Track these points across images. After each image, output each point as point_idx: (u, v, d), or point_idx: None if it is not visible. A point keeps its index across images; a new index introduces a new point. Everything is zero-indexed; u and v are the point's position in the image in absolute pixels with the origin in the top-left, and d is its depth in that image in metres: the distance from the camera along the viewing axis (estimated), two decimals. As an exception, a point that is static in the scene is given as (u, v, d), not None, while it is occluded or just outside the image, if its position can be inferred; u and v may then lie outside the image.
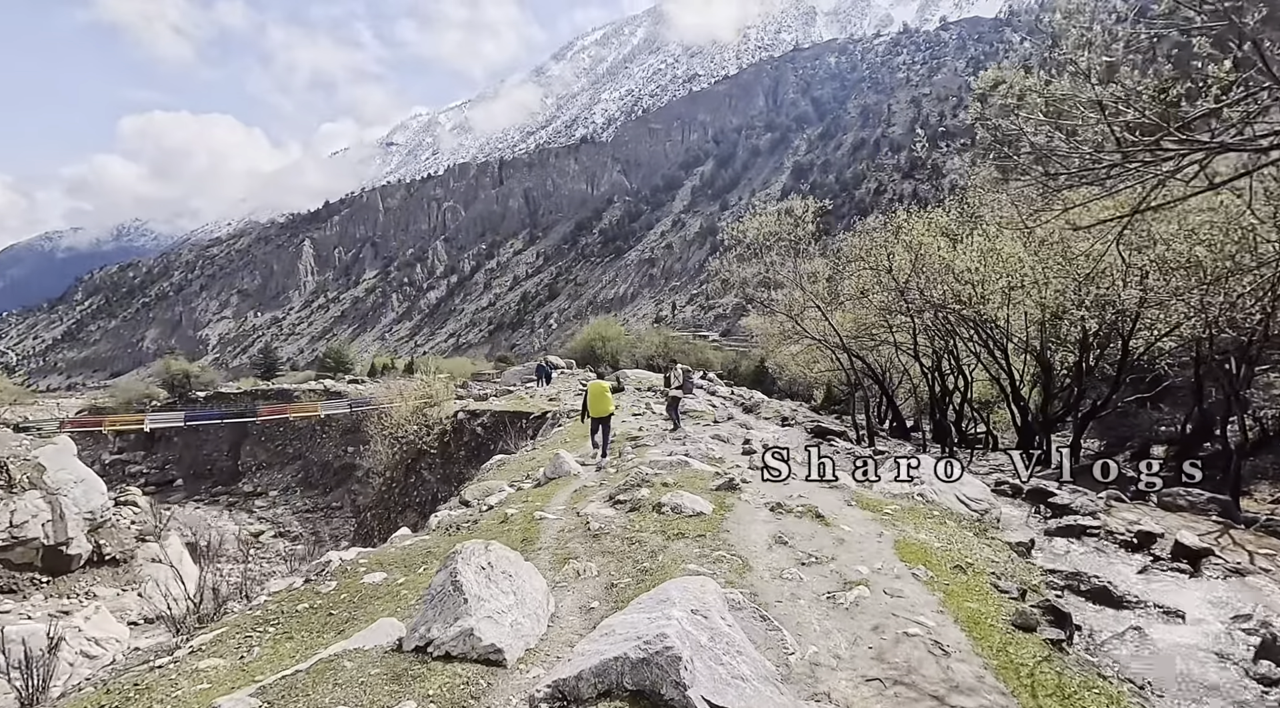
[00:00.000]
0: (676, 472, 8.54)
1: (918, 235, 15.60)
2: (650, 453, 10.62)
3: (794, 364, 32.43)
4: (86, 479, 22.50)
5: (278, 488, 39.62)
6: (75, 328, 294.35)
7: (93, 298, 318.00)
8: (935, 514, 7.56)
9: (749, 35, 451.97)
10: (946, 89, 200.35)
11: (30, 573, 20.19)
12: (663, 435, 12.71)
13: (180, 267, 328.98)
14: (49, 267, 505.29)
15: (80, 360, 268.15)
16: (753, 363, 51.31)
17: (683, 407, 16.45)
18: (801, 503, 7.11)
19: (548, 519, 7.13)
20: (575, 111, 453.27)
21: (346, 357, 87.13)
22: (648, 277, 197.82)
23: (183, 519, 32.52)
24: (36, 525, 20.26)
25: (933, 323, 16.03)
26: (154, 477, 46.25)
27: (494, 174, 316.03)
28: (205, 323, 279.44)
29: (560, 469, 9.81)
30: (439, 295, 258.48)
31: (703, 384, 24.58)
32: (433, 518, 8.66)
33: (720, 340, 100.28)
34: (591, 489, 8.49)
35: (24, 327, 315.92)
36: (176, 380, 53.67)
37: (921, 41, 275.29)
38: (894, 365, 20.67)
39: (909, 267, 15.49)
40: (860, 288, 17.16)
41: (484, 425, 20.33)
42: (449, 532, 7.46)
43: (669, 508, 6.75)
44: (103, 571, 22.02)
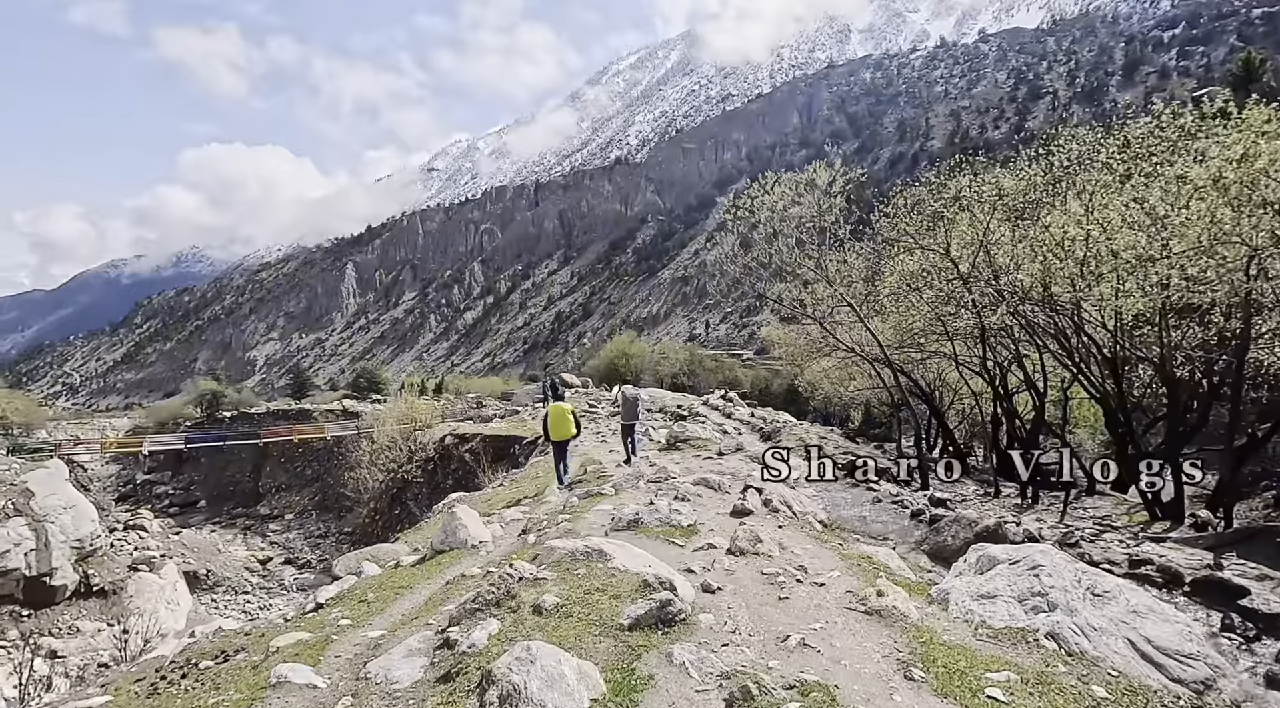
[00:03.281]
0: (581, 570, 5.05)
1: (993, 196, 11.66)
2: (595, 510, 7.91)
3: (826, 382, 29.92)
4: (77, 505, 21.69)
5: (294, 511, 38.79)
6: (134, 350, 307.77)
7: (150, 322, 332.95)
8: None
9: (782, 55, 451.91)
10: (987, 101, 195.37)
11: (10, 606, 19.33)
12: (637, 478, 9.93)
13: (231, 291, 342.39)
14: (114, 292, 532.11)
15: (137, 382, 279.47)
16: (785, 382, 48.86)
17: (641, 431, 14.40)
18: (802, 675, 3.56)
19: (289, 684, 4.12)
20: (610, 134, 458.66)
21: (380, 377, 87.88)
22: (681, 295, 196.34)
23: (192, 544, 31.77)
24: (19, 555, 19.41)
25: (1002, 323, 12.32)
26: (178, 497, 46.19)
27: (530, 196, 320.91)
28: (253, 345, 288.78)
29: (454, 538, 7.37)
30: (475, 316, 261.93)
31: (717, 406, 22.47)
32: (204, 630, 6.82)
33: (754, 359, 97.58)
34: (472, 582, 5.68)
35: (88, 349, 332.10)
36: (206, 400, 54.11)
37: (960, 54, 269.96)
38: (944, 382, 17.81)
39: (977, 244, 11.76)
40: (906, 280, 13.34)
41: (473, 451, 18.75)
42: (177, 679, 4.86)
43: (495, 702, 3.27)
44: (90, 602, 21.07)
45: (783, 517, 7.57)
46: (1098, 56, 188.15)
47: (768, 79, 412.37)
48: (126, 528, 31.63)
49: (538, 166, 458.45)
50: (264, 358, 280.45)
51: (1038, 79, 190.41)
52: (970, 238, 12.22)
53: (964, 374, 15.89)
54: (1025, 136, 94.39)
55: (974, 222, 12.06)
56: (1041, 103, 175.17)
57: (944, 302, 13.00)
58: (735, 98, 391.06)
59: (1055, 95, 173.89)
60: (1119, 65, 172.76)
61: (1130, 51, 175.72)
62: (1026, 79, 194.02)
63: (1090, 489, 12.28)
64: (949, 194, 12.52)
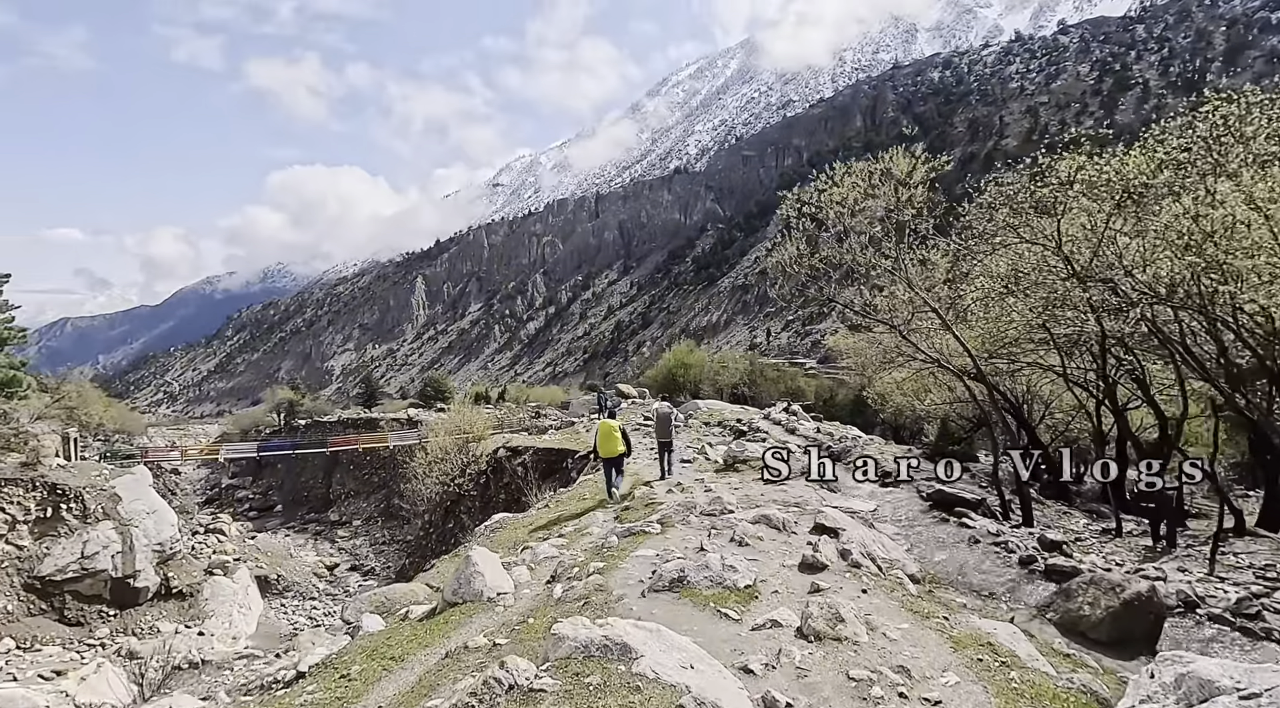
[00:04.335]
0: (595, 677, 3.68)
1: (1118, 178, 9.30)
2: (635, 555, 6.60)
3: (898, 394, 28.18)
4: (158, 510, 22.76)
5: (361, 518, 39.89)
6: (225, 361, 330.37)
7: (240, 334, 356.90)
8: None
9: (844, 58, 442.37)
10: (1068, 95, 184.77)
11: (98, 605, 20.38)
12: (688, 510, 8.38)
13: (311, 304, 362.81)
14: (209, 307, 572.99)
15: (228, 390, 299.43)
16: (850, 392, 46.81)
17: (674, 449, 13.42)
18: None
19: None
20: (669, 144, 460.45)
21: (445, 386, 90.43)
22: (741, 303, 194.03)
23: (266, 548, 33.02)
24: (106, 557, 20.46)
25: (1125, 329, 10.45)
26: (257, 502, 48.52)
27: (590, 208, 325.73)
28: (331, 355, 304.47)
29: (468, 588, 6.39)
30: (537, 326, 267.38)
31: (779, 420, 21.39)
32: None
33: (817, 368, 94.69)
34: (473, 659, 4.71)
35: (186, 360, 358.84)
36: (283, 409, 56.85)
37: (1037, 48, 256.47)
38: (1034, 395, 15.82)
39: (1097, 236, 9.69)
40: (1000, 282, 11.30)
41: (524, 465, 18.39)
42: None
43: None
44: (169, 604, 22.00)
45: (865, 574, 6.18)
46: (1194, 43, 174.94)
47: (829, 83, 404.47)
48: (208, 531, 33.32)
49: (598, 178, 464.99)
50: (340, 367, 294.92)
51: (1125, 70, 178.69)
52: (1087, 230, 10.11)
53: (1057, 387, 14.23)
54: (1115, 131, 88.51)
55: (1091, 210, 9.93)
56: (1130, 94, 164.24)
57: (1050, 306, 10.88)
58: (796, 104, 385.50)
59: (1146, 86, 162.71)
60: (1219, 51, 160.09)
61: (1232, 35, 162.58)
62: (1112, 70, 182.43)
63: (1240, 528, 10.25)
64: (1060, 177, 10.16)
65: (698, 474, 11.75)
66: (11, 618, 18.38)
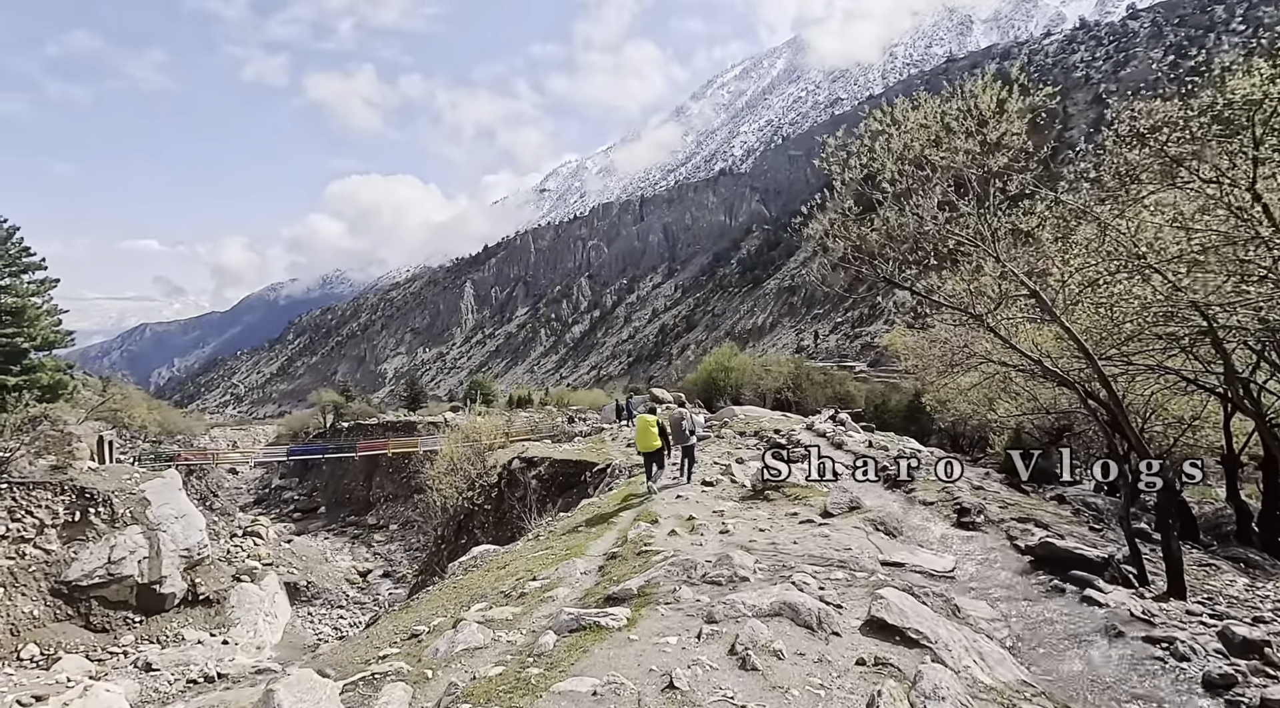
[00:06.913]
0: None
1: None
2: (570, 679, 3.83)
3: (963, 402, 25.57)
4: (187, 515, 22.53)
5: (398, 522, 39.66)
6: (286, 364, 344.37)
7: (300, 338, 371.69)
8: None
9: (895, 53, 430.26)
10: (1139, 83, 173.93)
11: (124, 612, 20.18)
12: (683, 573, 6.04)
13: (366, 309, 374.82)
14: (273, 312, 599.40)
15: (289, 392, 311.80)
16: (904, 397, 44.05)
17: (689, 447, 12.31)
18: None
19: None
20: (714, 146, 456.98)
21: (490, 389, 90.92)
22: (787, 305, 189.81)
23: (301, 552, 32.94)
24: (133, 562, 20.25)
25: None
26: (302, 503, 49.20)
27: (635, 211, 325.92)
28: (384, 358, 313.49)
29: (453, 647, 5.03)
30: (583, 329, 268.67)
31: (825, 432, 19.45)
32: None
33: (867, 372, 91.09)
34: None
35: (250, 364, 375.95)
36: (329, 411, 57.70)
37: (1104, 35, 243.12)
38: (1131, 407, 12.94)
39: None
40: (1138, 250, 7.36)
41: (539, 477, 17.15)
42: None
43: None
44: (195, 611, 21.71)
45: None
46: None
47: (879, 80, 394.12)
48: (245, 534, 33.53)
49: (643, 182, 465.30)
50: (393, 370, 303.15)
51: (1203, 54, 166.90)
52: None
53: (1163, 394, 11.87)
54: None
55: None
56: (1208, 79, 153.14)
57: (1244, 279, 7.37)
58: (844, 102, 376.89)
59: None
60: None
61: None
62: (1189, 55, 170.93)
63: None
64: (1249, 93, 6.56)
65: (719, 502, 9.98)
66: (38, 623, 18.30)
